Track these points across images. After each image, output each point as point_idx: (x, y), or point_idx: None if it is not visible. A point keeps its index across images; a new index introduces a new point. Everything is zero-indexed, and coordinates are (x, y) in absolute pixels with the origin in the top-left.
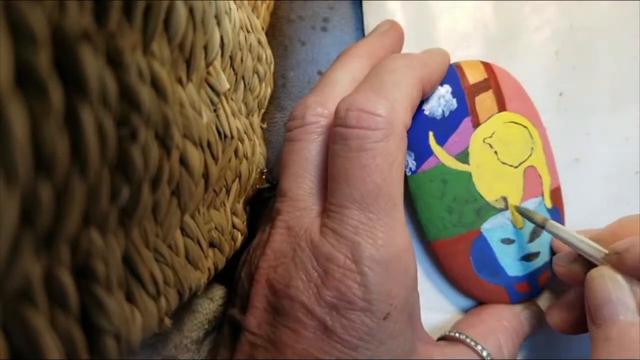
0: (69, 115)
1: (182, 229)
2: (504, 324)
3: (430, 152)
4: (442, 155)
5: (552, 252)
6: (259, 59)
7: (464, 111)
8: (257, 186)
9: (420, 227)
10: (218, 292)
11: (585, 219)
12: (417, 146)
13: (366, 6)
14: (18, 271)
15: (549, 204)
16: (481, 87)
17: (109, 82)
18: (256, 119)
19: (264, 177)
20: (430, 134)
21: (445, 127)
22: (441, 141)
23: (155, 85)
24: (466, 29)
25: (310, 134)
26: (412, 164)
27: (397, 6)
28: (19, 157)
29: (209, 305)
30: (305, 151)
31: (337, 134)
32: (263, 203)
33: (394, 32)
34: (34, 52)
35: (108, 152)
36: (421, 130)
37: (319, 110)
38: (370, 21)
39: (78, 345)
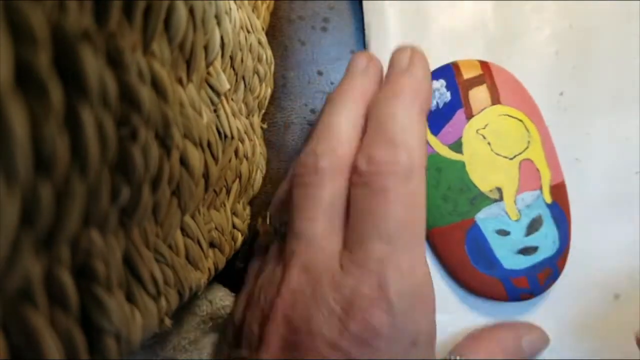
0: (69, 115)
1: (183, 229)
2: (504, 348)
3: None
4: (436, 144)
5: (555, 248)
6: (259, 59)
7: (458, 103)
8: (261, 232)
9: None
10: (218, 294)
11: (585, 219)
12: None
13: (366, 6)
14: (18, 271)
15: (548, 198)
16: (475, 81)
17: (109, 82)
18: (256, 119)
19: (266, 222)
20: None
21: (439, 117)
22: (435, 131)
23: (156, 85)
24: (466, 28)
25: (323, 179)
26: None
27: (397, 6)
28: (19, 157)
29: (208, 307)
30: (319, 195)
31: (358, 183)
32: (263, 205)
33: (374, 67)
34: (34, 52)
35: (108, 152)
36: None
37: (327, 157)
38: (370, 21)
39: (78, 345)
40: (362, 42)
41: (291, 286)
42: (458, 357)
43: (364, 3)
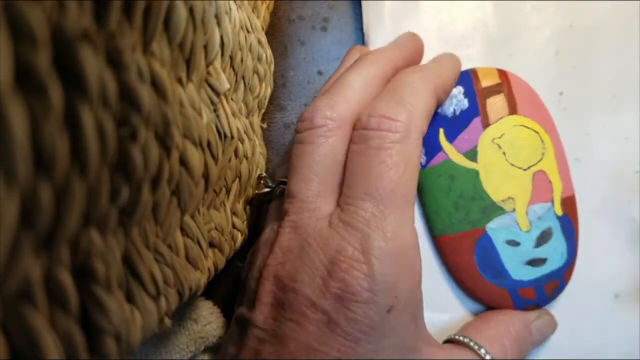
0: (69, 115)
1: (182, 229)
2: (511, 331)
3: (439, 148)
4: (450, 151)
5: (563, 261)
6: (259, 59)
7: (475, 111)
8: (256, 191)
9: (426, 225)
10: (203, 312)
11: (585, 219)
12: (427, 142)
13: (366, 6)
14: (18, 271)
15: (559, 211)
16: (493, 90)
17: (109, 82)
18: (256, 119)
19: (262, 182)
20: (441, 130)
21: (456, 124)
22: (451, 138)
23: (155, 85)
24: (466, 28)
25: (318, 137)
26: (422, 158)
27: (397, 6)
28: (19, 157)
29: (193, 327)
30: (314, 154)
31: (358, 136)
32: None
33: (413, 44)
34: (34, 52)
35: (108, 152)
36: (432, 126)
37: (327, 114)
38: (370, 21)
39: (78, 345)
40: (362, 42)
41: (282, 245)
42: (465, 339)
43: (364, 3)
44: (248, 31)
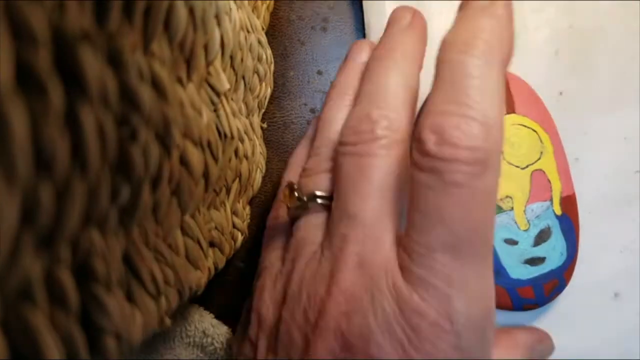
0: (69, 115)
1: (182, 229)
2: (521, 345)
3: None
4: None
5: (563, 260)
6: (259, 59)
7: None
8: (288, 205)
9: None
10: (206, 324)
11: (585, 219)
12: None
13: (366, 6)
14: (18, 271)
15: (558, 210)
16: None
17: (109, 82)
18: (256, 119)
19: (294, 193)
20: None
21: None
22: None
23: (156, 85)
24: None
25: (380, 149)
26: None
27: (397, 6)
28: (19, 157)
29: (198, 333)
30: (375, 169)
31: (424, 165)
32: (263, 204)
33: (419, 22)
34: (34, 52)
35: (108, 152)
36: None
37: (385, 124)
38: (371, 21)
39: (78, 345)
40: None
41: (345, 286)
42: None
43: (364, 3)
44: (248, 31)
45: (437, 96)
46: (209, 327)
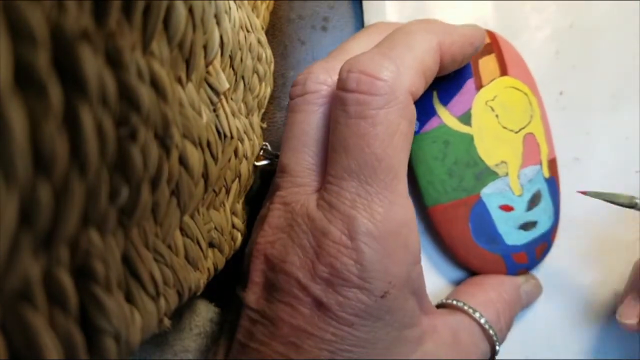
0: (69, 115)
1: (182, 229)
2: (504, 295)
3: (434, 112)
4: (445, 115)
5: (551, 223)
6: (259, 59)
7: (468, 72)
8: (255, 163)
9: (416, 194)
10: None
11: (585, 218)
12: (420, 105)
13: (366, 6)
14: (17, 271)
15: (546, 173)
16: (485, 50)
17: (108, 82)
18: (256, 119)
19: (261, 153)
20: (434, 92)
21: (449, 86)
22: (445, 101)
23: (155, 85)
24: None
25: (310, 104)
26: (415, 124)
27: (397, 6)
28: (18, 157)
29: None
30: (304, 124)
31: (337, 98)
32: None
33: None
34: (34, 52)
35: (107, 152)
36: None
37: (321, 78)
38: (371, 21)
39: (77, 346)
40: None
41: (272, 222)
42: (459, 303)
43: (364, 3)
44: (248, 31)
45: (372, 48)
46: (214, 315)
